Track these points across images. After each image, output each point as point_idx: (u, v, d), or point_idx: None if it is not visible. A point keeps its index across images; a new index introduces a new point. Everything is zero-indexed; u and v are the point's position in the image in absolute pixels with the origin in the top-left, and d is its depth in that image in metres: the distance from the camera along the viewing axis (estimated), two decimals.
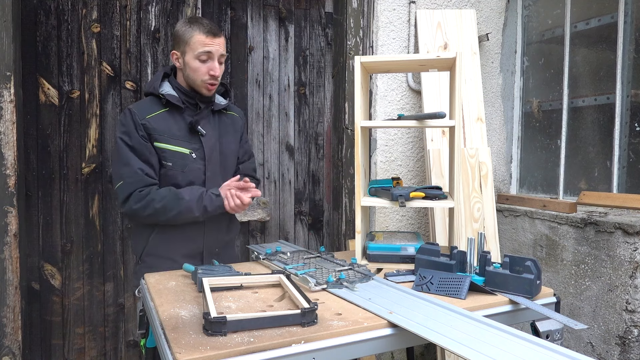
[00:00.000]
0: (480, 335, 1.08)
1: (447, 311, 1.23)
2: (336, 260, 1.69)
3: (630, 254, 1.94)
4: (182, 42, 1.74)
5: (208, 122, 1.82)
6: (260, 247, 1.96)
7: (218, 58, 1.74)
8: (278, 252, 1.79)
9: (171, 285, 1.47)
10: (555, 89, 2.58)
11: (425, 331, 1.10)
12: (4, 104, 2.04)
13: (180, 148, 1.75)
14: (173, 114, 1.77)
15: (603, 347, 2.06)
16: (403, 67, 2.06)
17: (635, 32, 2.17)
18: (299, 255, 1.78)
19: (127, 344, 2.50)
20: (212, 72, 1.72)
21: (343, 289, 1.39)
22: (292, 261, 1.67)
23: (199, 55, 1.70)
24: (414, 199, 1.72)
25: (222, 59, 1.76)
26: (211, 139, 1.81)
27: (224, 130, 1.88)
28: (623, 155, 2.21)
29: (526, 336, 1.08)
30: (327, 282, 1.41)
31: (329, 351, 1.08)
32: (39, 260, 2.34)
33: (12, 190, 2.06)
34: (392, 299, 1.32)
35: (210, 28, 1.72)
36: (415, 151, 2.65)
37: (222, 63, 1.78)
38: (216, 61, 1.74)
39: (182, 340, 1.04)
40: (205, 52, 1.71)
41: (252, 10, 2.67)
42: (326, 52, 2.83)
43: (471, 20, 2.63)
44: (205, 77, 1.73)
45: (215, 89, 1.80)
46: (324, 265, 1.63)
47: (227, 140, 1.88)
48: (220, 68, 1.75)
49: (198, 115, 1.78)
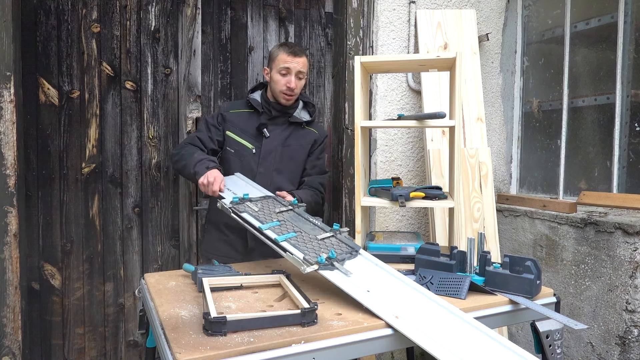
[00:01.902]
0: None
1: (452, 315, 1.23)
2: (312, 219, 1.63)
3: (630, 254, 1.94)
4: (270, 60, 2.09)
5: (278, 129, 2.11)
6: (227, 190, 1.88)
7: (296, 74, 2.04)
8: (245, 200, 1.71)
9: (171, 285, 1.47)
10: (555, 89, 2.58)
11: (434, 347, 1.09)
12: (4, 104, 2.04)
13: (245, 142, 2.09)
14: (252, 115, 2.12)
15: (603, 347, 2.06)
16: (403, 67, 2.06)
17: (635, 32, 2.17)
18: (269, 205, 1.70)
19: (127, 344, 2.50)
20: (289, 85, 2.02)
21: (335, 272, 1.36)
22: (264, 217, 1.59)
23: (279, 70, 2.03)
24: (414, 199, 1.72)
25: (301, 75, 2.06)
26: (273, 142, 2.08)
27: (293, 140, 2.13)
28: (623, 155, 2.21)
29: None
30: (319, 262, 1.36)
31: (329, 351, 1.08)
32: (39, 260, 2.34)
33: (12, 190, 2.06)
34: (390, 290, 1.32)
35: (293, 49, 2.05)
36: (415, 151, 2.65)
37: (302, 79, 2.07)
38: (293, 76, 2.03)
39: (182, 340, 1.04)
40: (284, 68, 2.03)
41: (252, 10, 2.67)
42: (326, 52, 2.83)
43: (471, 20, 2.63)
44: (282, 88, 2.04)
45: (292, 99, 2.08)
46: (302, 226, 1.57)
47: (292, 148, 2.12)
48: (296, 82, 2.04)
49: (269, 120, 2.09)
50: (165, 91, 2.51)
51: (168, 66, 2.50)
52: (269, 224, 1.55)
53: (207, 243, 2.14)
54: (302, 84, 2.10)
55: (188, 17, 2.50)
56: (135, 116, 2.46)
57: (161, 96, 2.50)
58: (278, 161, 2.10)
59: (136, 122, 2.47)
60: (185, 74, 2.51)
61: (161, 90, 2.50)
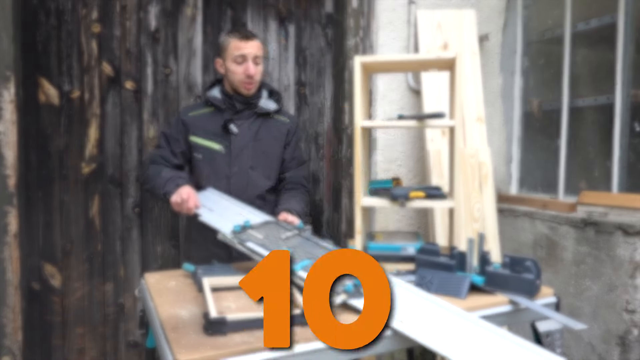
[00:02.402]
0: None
1: (458, 318, 1.22)
2: (322, 242, 1.54)
3: (630, 254, 1.94)
4: (222, 50, 1.96)
5: (245, 123, 1.97)
6: (203, 207, 1.77)
7: (253, 59, 1.89)
8: (247, 228, 1.58)
9: (171, 285, 1.47)
10: (555, 89, 2.58)
11: (444, 347, 1.08)
12: (4, 104, 2.04)
13: (212, 143, 1.95)
14: (215, 114, 1.97)
15: (603, 347, 2.06)
16: (403, 67, 2.06)
17: (635, 32, 2.17)
18: (273, 231, 1.59)
19: (127, 344, 2.50)
20: (247, 72, 1.88)
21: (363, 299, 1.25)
22: (272, 245, 1.48)
23: (234, 58, 1.89)
24: (414, 199, 1.72)
25: (258, 60, 1.92)
26: (244, 138, 1.95)
27: (264, 132, 2.00)
28: (623, 155, 2.21)
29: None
30: (346, 291, 1.25)
31: (329, 351, 1.08)
32: (39, 260, 2.34)
33: (12, 190, 2.06)
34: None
35: (244, 33, 1.91)
36: (415, 151, 2.65)
37: (259, 64, 1.93)
38: (250, 61, 1.89)
39: (182, 340, 1.04)
40: (239, 56, 1.88)
41: (252, 10, 2.67)
42: (326, 52, 2.83)
43: (471, 20, 2.63)
44: (241, 77, 1.90)
45: (253, 87, 1.94)
46: (313, 251, 1.47)
47: (265, 142, 2.00)
48: (254, 68, 1.90)
49: (234, 115, 1.96)
50: (165, 91, 2.51)
51: (168, 66, 2.50)
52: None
53: (194, 258, 1.99)
54: (261, 70, 1.96)
55: (188, 17, 2.50)
56: (135, 116, 2.46)
57: (161, 96, 2.50)
58: (252, 157, 1.96)
59: (136, 122, 2.47)
60: (185, 74, 2.51)
61: (161, 90, 2.50)
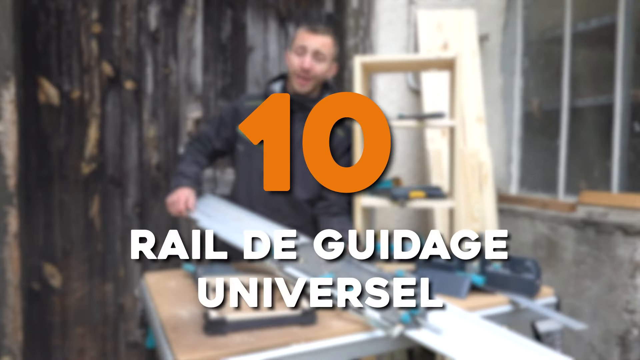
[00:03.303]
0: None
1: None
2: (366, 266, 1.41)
3: (630, 254, 1.94)
4: (291, 42, 1.82)
5: (297, 124, 1.74)
6: (200, 212, 1.69)
7: (313, 54, 1.72)
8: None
9: (171, 285, 1.47)
10: (555, 89, 2.58)
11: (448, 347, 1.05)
12: (4, 104, 2.04)
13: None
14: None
15: (603, 347, 2.06)
16: (403, 67, 2.06)
17: (635, 32, 2.17)
18: (313, 254, 1.45)
19: (127, 344, 2.50)
20: (302, 65, 1.71)
21: (423, 331, 1.14)
22: (313, 270, 1.35)
23: (296, 49, 1.74)
24: (414, 199, 1.72)
25: (320, 56, 1.74)
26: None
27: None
28: (623, 155, 2.21)
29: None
30: (402, 322, 1.13)
31: (329, 351, 1.08)
32: (39, 260, 2.34)
33: (12, 190, 2.06)
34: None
35: (313, 27, 1.76)
36: (415, 151, 2.65)
37: (322, 61, 1.75)
38: (309, 55, 1.72)
39: (182, 340, 1.04)
40: (300, 47, 1.73)
41: (252, 10, 2.67)
42: None
43: (471, 20, 2.63)
44: (296, 69, 1.73)
45: (307, 84, 1.76)
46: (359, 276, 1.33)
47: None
48: (312, 63, 1.72)
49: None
50: (165, 91, 2.50)
51: (168, 66, 2.50)
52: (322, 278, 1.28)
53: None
54: (323, 69, 1.76)
55: (188, 17, 2.50)
56: (135, 116, 2.46)
57: (161, 96, 2.50)
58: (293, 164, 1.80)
59: (136, 122, 2.47)
60: (185, 74, 2.51)
61: (161, 90, 2.50)
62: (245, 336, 1.06)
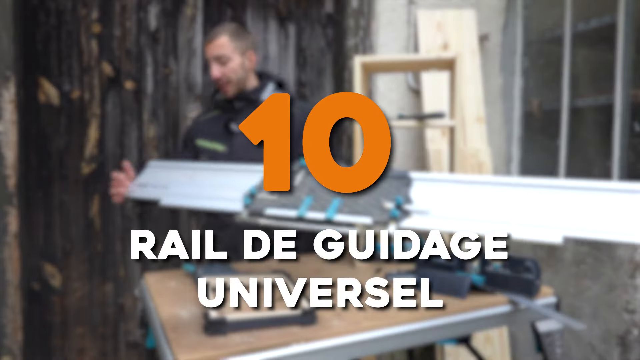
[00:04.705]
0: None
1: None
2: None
3: (630, 254, 1.94)
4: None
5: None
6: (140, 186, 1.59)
7: (215, 60, 1.79)
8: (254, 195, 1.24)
9: (171, 285, 1.47)
10: (555, 89, 2.58)
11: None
12: (4, 104, 2.04)
13: (215, 145, 1.88)
14: (221, 115, 1.92)
15: (603, 347, 2.06)
16: (403, 67, 2.06)
17: (635, 32, 2.17)
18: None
19: (127, 344, 2.50)
20: (212, 76, 1.81)
21: (415, 217, 1.09)
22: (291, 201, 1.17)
23: (208, 62, 1.83)
24: None
25: (222, 59, 1.78)
26: (245, 137, 1.80)
27: None
28: (623, 155, 2.21)
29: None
30: (393, 217, 1.08)
31: (328, 351, 1.08)
32: (39, 260, 2.34)
33: (12, 190, 2.06)
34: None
35: (208, 35, 1.81)
36: (415, 151, 2.65)
37: (226, 63, 1.79)
38: (213, 64, 1.80)
39: (182, 340, 1.03)
40: (207, 59, 1.82)
41: (252, 10, 2.67)
42: (326, 52, 2.83)
43: (471, 20, 2.63)
44: (213, 81, 1.84)
45: (229, 87, 1.83)
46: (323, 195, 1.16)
47: None
48: (218, 69, 1.79)
49: (235, 115, 1.86)
50: (165, 91, 2.51)
51: (168, 66, 2.50)
52: (304, 205, 1.14)
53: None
54: (233, 67, 1.79)
55: (188, 17, 2.50)
56: (135, 116, 2.46)
57: (161, 96, 2.50)
58: (255, 156, 1.69)
59: (136, 122, 2.47)
60: (185, 74, 2.51)
61: (161, 90, 2.50)
62: (245, 336, 1.05)
